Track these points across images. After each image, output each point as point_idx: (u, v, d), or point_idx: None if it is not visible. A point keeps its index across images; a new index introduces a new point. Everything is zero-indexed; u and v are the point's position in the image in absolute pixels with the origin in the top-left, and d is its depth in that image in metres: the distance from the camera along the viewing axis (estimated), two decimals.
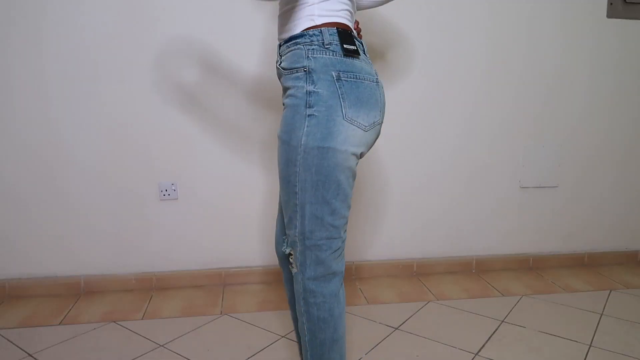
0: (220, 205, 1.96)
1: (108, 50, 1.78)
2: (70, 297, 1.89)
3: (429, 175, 2.07)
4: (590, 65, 2.09)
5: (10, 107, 1.77)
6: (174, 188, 1.91)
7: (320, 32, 0.95)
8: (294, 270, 1.03)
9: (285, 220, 1.01)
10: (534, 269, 2.22)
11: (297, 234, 0.99)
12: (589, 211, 2.24)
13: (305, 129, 0.92)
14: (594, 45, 2.07)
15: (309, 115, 0.92)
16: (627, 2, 2.03)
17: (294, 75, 0.95)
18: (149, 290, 1.95)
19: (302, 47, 0.95)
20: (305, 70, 0.94)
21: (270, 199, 1.99)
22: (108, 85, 1.80)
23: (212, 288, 1.98)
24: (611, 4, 2.03)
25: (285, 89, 0.99)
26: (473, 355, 1.47)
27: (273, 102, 1.90)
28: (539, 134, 2.11)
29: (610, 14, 2.04)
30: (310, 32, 0.96)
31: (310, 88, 0.92)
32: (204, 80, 1.85)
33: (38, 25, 1.72)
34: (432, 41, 1.96)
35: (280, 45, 1.01)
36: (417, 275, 2.13)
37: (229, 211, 1.97)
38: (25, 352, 1.48)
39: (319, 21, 0.96)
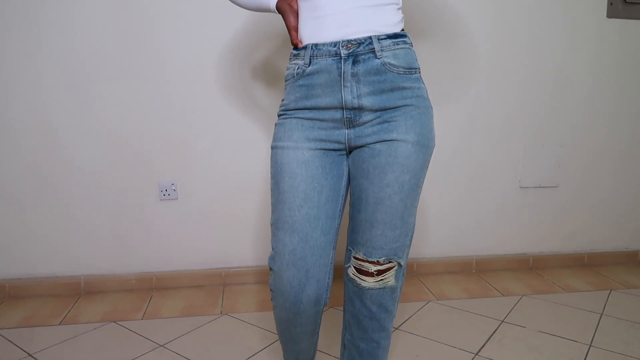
0: (220, 205, 1.96)
1: (107, 51, 1.78)
2: (70, 297, 1.89)
3: (428, 175, 2.07)
4: (590, 65, 2.09)
5: (10, 108, 1.77)
6: (174, 188, 1.91)
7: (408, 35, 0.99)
8: (391, 282, 1.00)
9: (395, 234, 0.96)
10: (534, 269, 2.22)
11: (409, 238, 0.99)
12: (589, 211, 2.24)
13: (434, 129, 0.99)
14: (594, 45, 2.07)
15: (432, 115, 0.96)
16: (627, 2, 2.03)
17: (413, 76, 0.94)
18: (149, 290, 1.95)
19: (410, 47, 0.95)
20: (419, 72, 0.96)
21: (270, 199, 1.99)
22: (108, 85, 1.80)
23: (212, 288, 1.98)
24: (611, 4, 2.03)
25: (398, 89, 0.92)
26: (473, 355, 1.47)
27: (274, 102, 1.90)
28: (539, 134, 2.11)
29: (610, 14, 2.04)
30: (406, 34, 0.96)
31: (426, 88, 0.97)
32: (203, 80, 1.85)
33: (37, 26, 1.72)
34: (431, 41, 1.96)
35: (378, 39, 0.91)
36: (418, 275, 2.13)
37: (228, 211, 1.97)
38: (25, 352, 1.48)
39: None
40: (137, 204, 1.91)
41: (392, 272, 0.99)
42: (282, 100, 1.01)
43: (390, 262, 0.97)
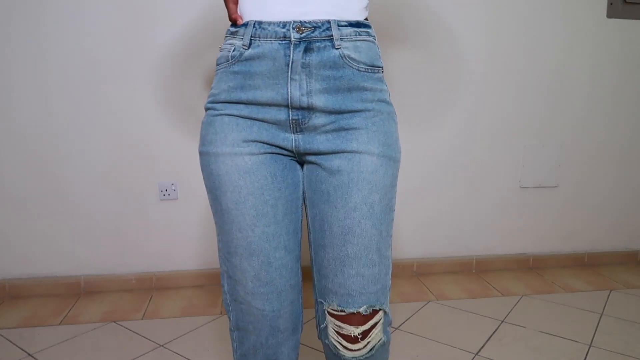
0: None
1: (109, 50, 1.78)
2: (70, 297, 1.89)
3: (428, 175, 2.07)
4: (590, 65, 2.09)
5: (11, 108, 1.77)
6: (174, 188, 1.91)
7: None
8: (380, 340, 0.77)
9: (373, 272, 0.75)
10: (534, 269, 2.22)
11: (389, 279, 0.78)
12: (589, 211, 2.24)
13: (399, 140, 0.80)
14: (594, 45, 2.07)
15: (397, 123, 0.80)
16: (627, 2, 2.03)
17: (376, 75, 0.77)
18: (149, 290, 1.95)
19: (374, 41, 0.78)
20: (382, 72, 0.79)
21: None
22: (108, 85, 1.80)
23: (212, 288, 1.98)
24: (611, 4, 2.03)
25: (357, 89, 0.75)
26: (473, 355, 1.47)
27: None
28: (539, 134, 2.11)
29: (610, 14, 2.04)
30: (371, 25, 0.79)
31: (389, 92, 0.82)
32: (204, 80, 1.85)
33: (39, 26, 1.72)
34: (431, 40, 1.96)
35: (338, 25, 0.74)
36: (417, 275, 2.13)
37: None
38: (25, 352, 1.48)
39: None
40: (137, 203, 1.91)
41: (379, 327, 0.76)
42: (211, 89, 0.80)
43: (374, 311, 0.75)
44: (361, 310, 0.74)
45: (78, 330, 1.62)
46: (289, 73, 0.73)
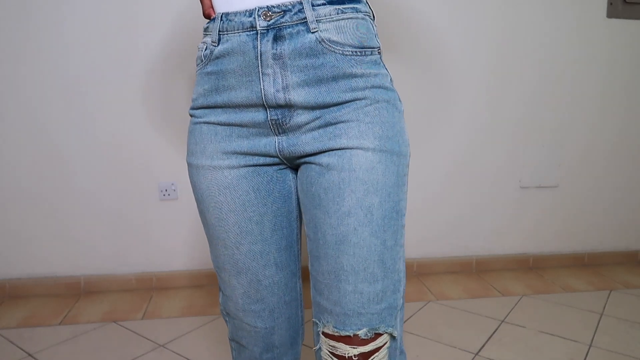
0: None
1: (107, 51, 1.78)
2: (70, 297, 1.89)
3: (428, 175, 2.07)
4: (589, 65, 2.08)
5: (11, 108, 1.77)
6: (174, 188, 1.91)
7: (366, 1, 0.68)
8: None
9: (375, 289, 0.63)
10: (534, 269, 2.22)
11: (401, 296, 0.67)
12: (589, 211, 2.24)
13: (406, 130, 0.67)
14: (594, 45, 2.07)
15: (401, 111, 0.68)
16: (627, 2, 2.03)
17: (369, 57, 0.65)
18: (149, 290, 1.95)
19: (367, 18, 0.67)
20: (379, 53, 0.67)
21: None
22: (108, 85, 1.80)
23: (212, 288, 1.98)
24: (611, 4, 2.03)
25: (344, 77, 0.64)
26: (473, 355, 1.47)
27: None
28: (539, 134, 2.11)
29: (610, 14, 2.04)
30: None
31: (390, 75, 0.68)
32: None
33: (30, 30, 1.72)
34: (435, 42, 1.96)
35: (313, 4, 0.63)
36: (417, 275, 2.13)
37: None
38: (25, 352, 1.48)
39: None
40: (137, 203, 1.91)
41: (383, 353, 0.64)
42: (193, 94, 0.75)
43: (376, 334, 0.63)
44: (360, 333, 0.62)
45: (78, 330, 1.62)
46: (260, 67, 0.64)
